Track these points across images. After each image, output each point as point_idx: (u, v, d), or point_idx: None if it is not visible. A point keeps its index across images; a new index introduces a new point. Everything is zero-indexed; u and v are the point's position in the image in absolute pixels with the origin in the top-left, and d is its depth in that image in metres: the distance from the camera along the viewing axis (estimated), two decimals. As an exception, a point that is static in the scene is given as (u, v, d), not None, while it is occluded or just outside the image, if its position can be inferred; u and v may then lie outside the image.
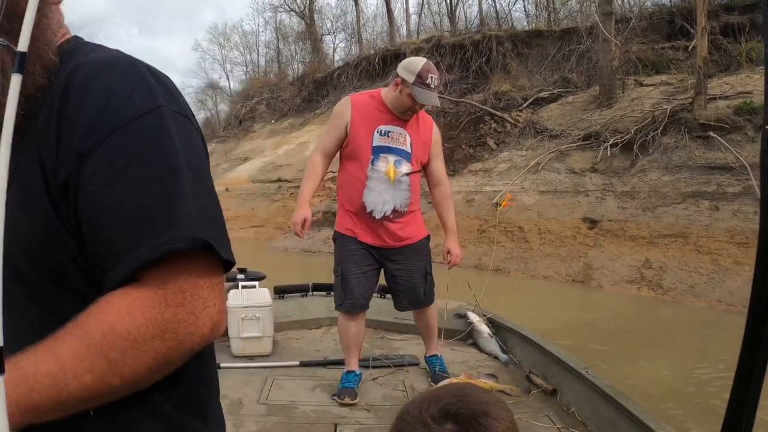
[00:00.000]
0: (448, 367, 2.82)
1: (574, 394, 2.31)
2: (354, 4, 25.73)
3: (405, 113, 2.44)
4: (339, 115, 2.45)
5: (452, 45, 16.84)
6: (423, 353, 3.07)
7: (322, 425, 2.17)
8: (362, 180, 2.40)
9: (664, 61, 10.68)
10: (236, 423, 2.15)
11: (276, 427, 2.14)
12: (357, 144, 2.41)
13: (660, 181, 7.73)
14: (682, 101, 8.62)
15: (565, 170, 9.26)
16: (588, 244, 7.75)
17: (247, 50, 32.81)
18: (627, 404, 1.96)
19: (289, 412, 2.27)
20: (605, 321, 5.83)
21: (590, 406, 2.18)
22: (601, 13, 10.77)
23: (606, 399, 2.09)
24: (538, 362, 2.69)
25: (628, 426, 1.91)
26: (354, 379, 2.47)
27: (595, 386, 2.18)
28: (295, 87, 23.76)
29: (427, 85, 2.34)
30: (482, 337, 3.09)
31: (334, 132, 2.45)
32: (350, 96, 2.52)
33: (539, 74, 13.60)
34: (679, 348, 4.89)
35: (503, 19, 20.02)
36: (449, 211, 2.67)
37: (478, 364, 2.88)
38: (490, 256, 8.26)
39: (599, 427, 2.08)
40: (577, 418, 2.18)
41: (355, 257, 2.45)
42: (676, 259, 6.66)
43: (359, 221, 2.44)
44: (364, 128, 2.40)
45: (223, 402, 2.43)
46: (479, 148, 11.54)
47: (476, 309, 3.36)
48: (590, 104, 10.79)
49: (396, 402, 2.39)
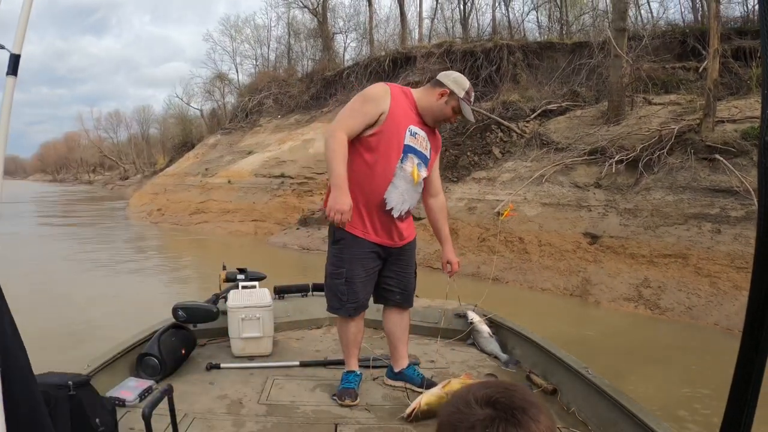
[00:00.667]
0: (448, 366, 2.83)
1: (574, 393, 2.31)
2: (367, 5, 25.71)
3: (437, 122, 2.42)
4: (374, 100, 2.25)
5: (463, 52, 16.83)
6: (423, 353, 3.03)
7: (322, 425, 2.16)
8: (388, 176, 2.28)
9: (675, 80, 10.67)
10: (236, 423, 2.14)
11: (276, 427, 2.13)
12: (391, 137, 2.26)
13: (663, 201, 7.71)
14: (690, 122, 8.60)
15: (569, 184, 9.24)
16: (588, 259, 7.74)
17: (258, 44, 32.84)
18: (627, 404, 1.96)
19: (289, 412, 2.26)
20: (600, 337, 5.82)
21: (590, 406, 2.18)
22: (614, 29, 10.74)
23: (606, 399, 2.09)
24: (538, 362, 2.69)
25: (629, 426, 1.90)
26: (354, 379, 2.44)
27: (595, 386, 2.17)
28: (304, 84, 23.77)
29: (471, 102, 2.40)
30: (482, 337, 3.08)
31: (363, 117, 2.23)
32: (387, 84, 2.35)
33: (548, 86, 13.59)
34: (673, 369, 4.88)
35: (515, 29, 20.01)
36: (446, 220, 2.65)
37: (478, 364, 2.87)
38: (490, 265, 8.27)
39: (600, 427, 2.08)
40: (578, 418, 2.18)
41: (364, 260, 2.35)
42: (675, 279, 6.64)
43: (372, 219, 2.32)
44: (401, 123, 2.29)
45: (223, 402, 2.44)
46: (484, 156, 11.53)
47: (476, 309, 3.36)
48: (598, 119, 10.77)
49: (396, 402, 2.38)
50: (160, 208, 19.47)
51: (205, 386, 2.49)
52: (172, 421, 1.84)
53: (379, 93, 2.28)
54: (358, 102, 2.27)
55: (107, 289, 8.24)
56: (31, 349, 1.31)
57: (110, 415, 1.98)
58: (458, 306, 3.42)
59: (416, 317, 3.42)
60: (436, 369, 2.80)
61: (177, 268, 10.51)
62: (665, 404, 4.06)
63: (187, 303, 2.86)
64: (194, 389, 2.45)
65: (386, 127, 2.25)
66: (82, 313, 6.64)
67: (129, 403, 2.23)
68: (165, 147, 45.17)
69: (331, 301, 2.42)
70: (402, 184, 2.32)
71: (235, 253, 11.96)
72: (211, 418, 2.17)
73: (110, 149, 62.32)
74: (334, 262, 2.36)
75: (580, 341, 5.55)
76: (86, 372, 2.16)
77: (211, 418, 2.17)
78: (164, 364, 2.50)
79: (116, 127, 63.07)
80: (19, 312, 1.29)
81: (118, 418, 2.06)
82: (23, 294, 6.91)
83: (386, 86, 2.32)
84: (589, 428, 2.11)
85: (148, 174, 39.08)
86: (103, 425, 1.91)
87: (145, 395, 2.30)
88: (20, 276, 8.49)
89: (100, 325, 6.07)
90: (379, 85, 2.33)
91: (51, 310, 6.72)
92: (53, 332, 5.70)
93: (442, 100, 2.34)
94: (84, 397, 1.86)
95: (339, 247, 2.35)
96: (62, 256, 11.03)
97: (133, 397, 2.25)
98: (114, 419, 2.00)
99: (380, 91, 2.29)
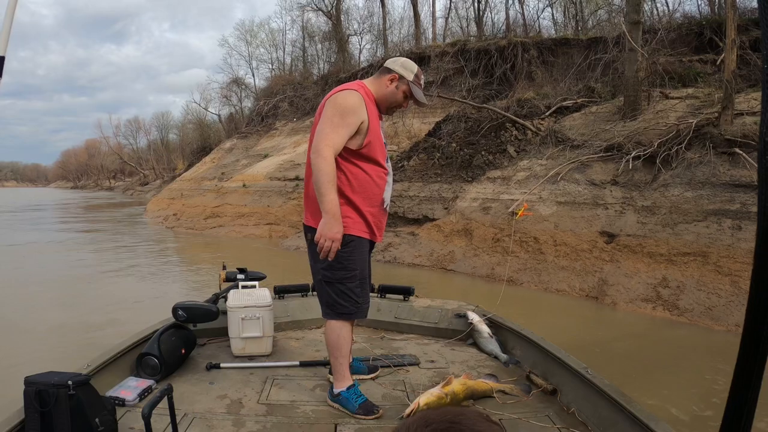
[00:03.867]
0: (448, 366, 2.81)
1: (574, 394, 2.30)
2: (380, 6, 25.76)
3: (392, 109, 2.44)
4: (354, 112, 2.19)
5: (477, 50, 16.77)
6: (423, 353, 3.01)
7: (322, 425, 2.15)
8: (383, 177, 2.33)
9: (692, 74, 10.46)
10: (236, 423, 2.14)
11: (276, 427, 2.13)
12: (377, 142, 2.28)
13: (682, 197, 7.54)
14: (708, 115, 8.39)
15: (585, 182, 9.10)
16: (604, 258, 7.59)
17: (274, 48, 33.15)
18: (627, 404, 1.95)
19: (289, 412, 2.26)
20: (616, 340, 5.67)
21: (590, 406, 2.17)
22: (629, 22, 10.55)
23: (606, 399, 2.07)
24: (538, 362, 2.68)
25: (629, 426, 1.89)
26: (359, 390, 2.34)
27: (595, 386, 2.16)
28: (319, 86, 23.90)
29: (421, 85, 2.43)
30: (482, 337, 3.08)
31: (347, 129, 2.18)
32: (358, 89, 2.26)
33: (564, 83, 13.46)
34: (691, 374, 4.74)
35: (531, 26, 19.85)
36: None
37: (478, 364, 2.86)
38: (504, 267, 8.17)
39: (600, 427, 2.07)
40: (577, 418, 2.17)
41: (367, 259, 2.39)
42: (695, 279, 6.47)
43: (376, 220, 2.34)
44: (377, 126, 2.30)
45: (223, 402, 2.43)
46: (499, 155, 11.41)
47: (476, 309, 3.35)
48: (614, 115, 10.60)
49: (396, 402, 2.37)
50: (176, 213, 19.73)
51: (205, 386, 2.49)
52: (172, 420, 1.84)
53: (356, 102, 2.21)
54: (338, 116, 2.18)
55: (116, 290, 8.35)
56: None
57: (110, 414, 1.98)
58: (458, 306, 3.41)
59: (416, 317, 3.42)
60: (436, 369, 2.78)
61: (191, 270, 10.60)
62: (683, 409, 3.94)
63: (187, 303, 2.86)
64: (194, 389, 2.45)
65: (372, 136, 2.25)
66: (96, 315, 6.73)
67: (129, 403, 2.24)
68: (184, 152, 45.83)
69: (343, 306, 2.30)
70: (390, 179, 2.39)
71: (247, 256, 12.02)
72: (211, 418, 2.16)
73: (130, 155, 63.42)
74: (346, 266, 2.28)
75: (595, 345, 5.44)
76: (86, 372, 2.17)
77: (211, 417, 2.17)
78: (164, 363, 2.50)
79: (135, 134, 64.19)
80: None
81: (118, 417, 2.07)
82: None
83: (357, 92, 2.24)
84: (589, 428, 2.10)
85: (167, 179, 39.65)
86: (103, 425, 1.92)
87: (145, 395, 2.30)
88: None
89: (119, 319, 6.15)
90: (352, 94, 2.22)
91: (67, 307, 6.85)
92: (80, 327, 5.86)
93: (392, 86, 2.36)
94: (84, 396, 1.87)
95: (349, 250, 2.27)
96: (69, 265, 11.13)
97: (133, 397, 2.25)
98: (114, 419, 2.00)
99: (357, 101, 2.21)
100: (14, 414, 1.88)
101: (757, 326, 0.65)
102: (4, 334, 5.91)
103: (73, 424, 1.82)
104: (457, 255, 9.26)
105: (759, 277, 0.64)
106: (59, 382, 1.82)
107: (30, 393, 1.80)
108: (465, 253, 9.20)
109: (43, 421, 1.81)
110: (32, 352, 5.19)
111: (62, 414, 1.83)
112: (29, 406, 1.81)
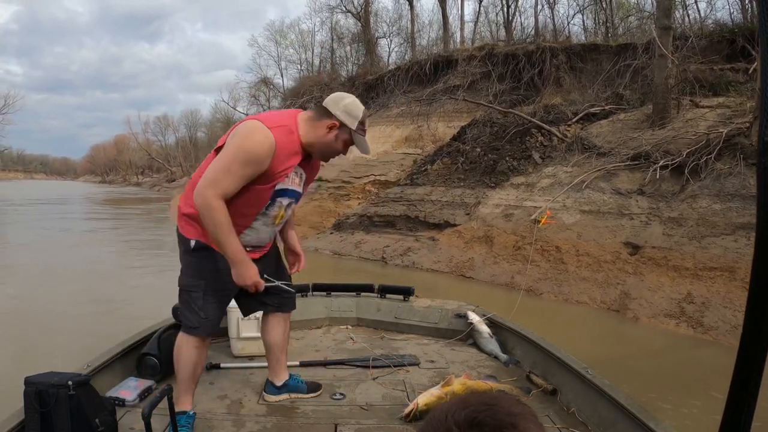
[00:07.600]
0: (448, 366, 2.80)
1: (574, 394, 2.29)
2: (409, 9, 25.76)
3: (328, 157, 2.14)
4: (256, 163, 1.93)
5: (505, 54, 16.61)
6: (423, 353, 3.01)
7: (322, 425, 2.16)
8: (249, 220, 2.07)
9: (723, 82, 10.13)
10: (236, 423, 2.15)
11: (276, 427, 2.14)
12: (261, 192, 2.02)
13: (710, 209, 7.31)
14: (739, 125, 8.11)
15: (611, 190, 8.90)
16: (627, 270, 7.40)
17: (303, 49, 33.44)
18: (627, 404, 1.93)
19: (289, 412, 2.27)
20: (637, 358, 5.48)
21: (590, 406, 2.16)
22: (659, 27, 10.28)
23: (606, 399, 2.07)
24: (538, 362, 2.68)
25: (629, 426, 1.88)
26: (190, 421, 2.08)
27: (595, 386, 2.16)
28: (346, 88, 23.97)
29: (365, 132, 2.10)
30: (482, 337, 3.09)
31: (241, 180, 1.93)
32: (272, 132, 1.94)
33: (592, 89, 13.21)
34: (713, 396, 4.56)
35: (560, 32, 19.60)
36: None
37: (478, 364, 2.86)
38: (524, 275, 8.04)
39: (600, 427, 2.06)
40: (578, 418, 2.17)
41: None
42: (721, 295, 6.25)
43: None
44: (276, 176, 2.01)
45: (223, 402, 2.43)
46: (523, 161, 11.26)
47: (476, 309, 3.34)
48: (642, 123, 10.35)
49: (396, 402, 2.37)
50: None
51: (204, 386, 2.50)
52: (172, 421, 1.85)
53: (263, 154, 1.92)
54: (239, 162, 1.91)
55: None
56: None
57: (110, 415, 2.00)
58: (458, 306, 3.42)
59: (416, 317, 3.43)
60: (436, 369, 2.78)
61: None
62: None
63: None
64: None
65: (266, 188, 2.02)
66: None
67: (129, 403, 2.26)
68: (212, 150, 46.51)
69: (186, 317, 2.16)
70: (264, 227, 2.14)
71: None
72: (211, 418, 2.18)
73: (158, 152, 64.61)
74: (192, 274, 2.14)
75: (613, 360, 5.28)
76: (86, 372, 2.20)
77: (211, 418, 2.19)
78: (164, 364, 2.51)
79: (164, 131, 65.45)
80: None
81: (118, 418, 2.09)
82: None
83: (272, 140, 1.93)
84: (589, 428, 2.10)
85: (195, 176, 40.26)
86: (103, 425, 1.93)
87: (145, 395, 2.33)
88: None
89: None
90: (264, 144, 1.92)
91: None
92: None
93: (331, 135, 2.04)
94: (84, 396, 1.89)
95: (196, 259, 2.11)
96: (88, 259, 11.38)
97: (133, 397, 2.28)
98: (114, 419, 2.02)
99: (265, 152, 1.93)
100: (14, 414, 1.90)
101: (757, 326, 0.65)
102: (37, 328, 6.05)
103: (73, 425, 1.84)
104: (476, 262, 9.16)
105: (759, 276, 0.64)
106: (59, 383, 1.84)
107: (30, 393, 1.82)
108: (485, 261, 9.09)
109: (43, 421, 1.82)
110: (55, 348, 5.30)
111: (62, 414, 1.84)
112: (29, 407, 1.82)
